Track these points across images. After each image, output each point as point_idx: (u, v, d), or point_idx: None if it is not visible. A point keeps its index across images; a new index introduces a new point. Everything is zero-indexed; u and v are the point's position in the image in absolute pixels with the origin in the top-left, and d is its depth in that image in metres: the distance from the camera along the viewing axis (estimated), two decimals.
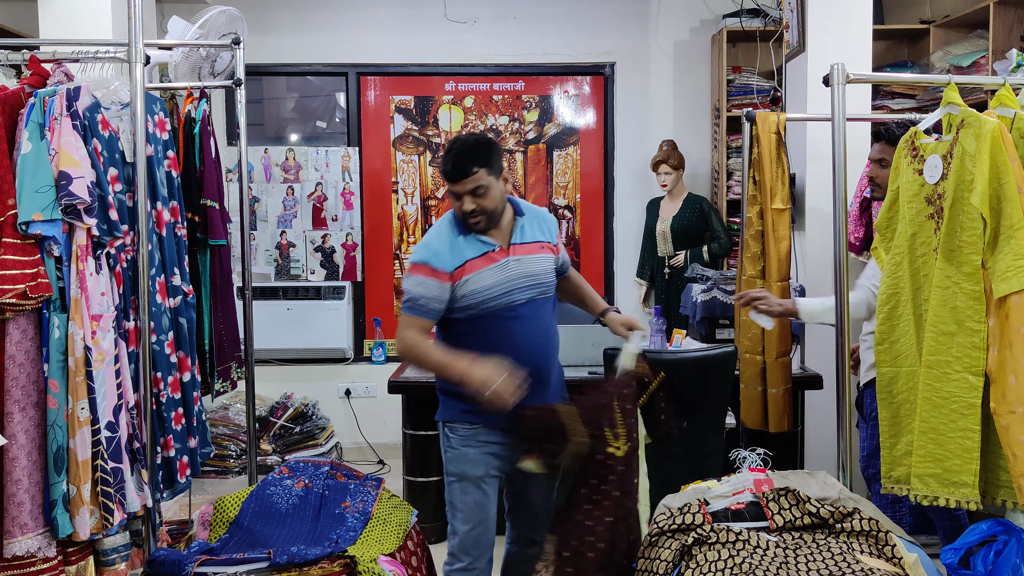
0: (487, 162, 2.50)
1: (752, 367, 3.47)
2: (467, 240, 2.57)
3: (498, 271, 2.57)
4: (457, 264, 2.54)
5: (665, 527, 2.16)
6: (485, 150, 2.52)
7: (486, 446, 2.60)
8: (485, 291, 2.55)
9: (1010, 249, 2.32)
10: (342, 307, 5.39)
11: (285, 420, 4.86)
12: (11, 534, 2.35)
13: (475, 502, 2.59)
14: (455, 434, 2.63)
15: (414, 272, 2.55)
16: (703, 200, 5.04)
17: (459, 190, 2.51)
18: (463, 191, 2.50)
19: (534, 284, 2.62)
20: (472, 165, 2.48)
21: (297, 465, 2.78)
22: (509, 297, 2.57)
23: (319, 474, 2.72)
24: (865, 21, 4.07)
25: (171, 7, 4.84)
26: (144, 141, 2.64)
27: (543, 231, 2.69)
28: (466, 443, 2.60)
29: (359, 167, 5.54)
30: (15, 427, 2.36)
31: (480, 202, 2.51)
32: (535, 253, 2.64)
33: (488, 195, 2.51)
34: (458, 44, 5.46)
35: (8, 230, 2.34)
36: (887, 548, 2.02)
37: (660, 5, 5.48)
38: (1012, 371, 2.31)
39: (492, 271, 2.56)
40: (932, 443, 2.46)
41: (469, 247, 2.56)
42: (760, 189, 3.42)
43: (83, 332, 2.41)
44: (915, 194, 2.56)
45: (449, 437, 2.64)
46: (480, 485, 2.60)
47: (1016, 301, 2.31)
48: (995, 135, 2.35)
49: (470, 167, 2.48)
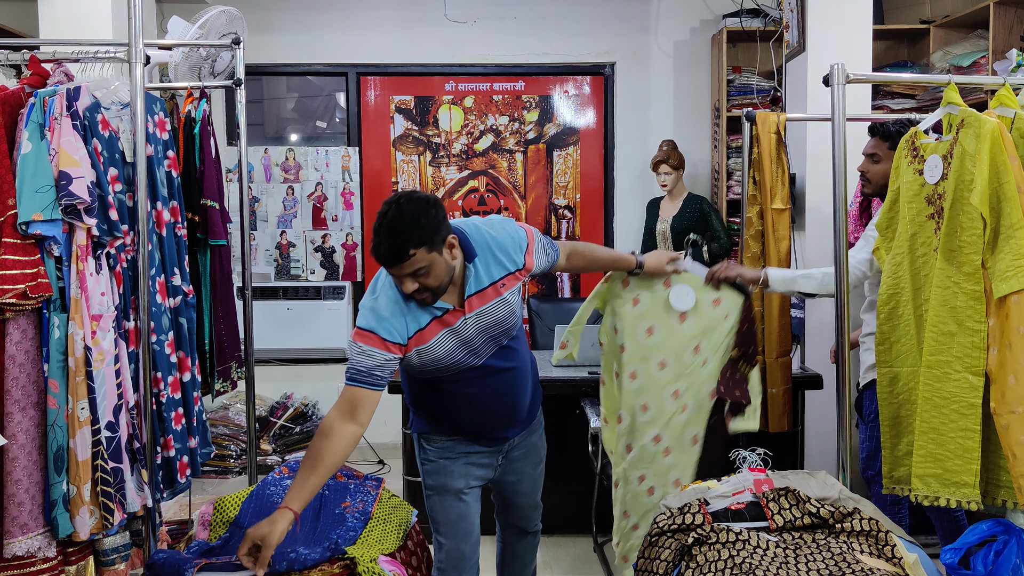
0: (425, 239, 2.14)
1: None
2: (416, 307, 2.28)
3: (453, 335, 2.31)
4: (410, 334, 2.27)
5: (665, 527, 2.16)
6: (422, 224, 2.15)
7: (466, 456, 2.50)
8: (444, 357, 2.32)
9: (1010, 249, 2.32)
10: (342, 307, 5.39)
11: (285, 420, 4.86)
12: (11, 534, 2.35)
13: (458, 514, 2.49)
14: (432, 446, 2.51)
15: (360, 339, 2.26)
16: (703, 200, 5.04)
17: (394, 273, 2.21)
18: (399, 274, 2.20)
19: (498, 334, 2.39)
20: (408, 247, 2.13)
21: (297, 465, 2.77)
22: (472, 357, 2.36)
23: None
24: (865, 21, 4.07)
25: (171, 7, 4.84)
26: (144, 141, 2.64)
27: (501, 262, 2.36)
28: (444, 455, 2.50)
29: (359, 167, 5.54)
30: (15, 427, 2.36)
31: (424, 282, 2.20)
32: (493, 299, 2.34)
33: (432, 274, 2.19)
34: (458, 44, 5.46)
35: (8, 230, 2.34)
36: (887, 548, 2.02)
37: (660, 5, 5.48)
38: (1012, 371, 2.31)
39: (446, 336, 2.30)
40: (932, 443, 2.46)
41: (421, 314, 2.28)
42: (760, 189, 3.42)
43: (83, 332, 2.41)
44: (915, 194, 2.56)
45: (426, 449, 2.53)
46: (461, 497, 2.49)
47: (1016, 301, 2.31)
48: (995, 135, 2.35)
49: (406, 250, 2.13)
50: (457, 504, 2.49)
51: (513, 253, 2.39)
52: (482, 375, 2.40)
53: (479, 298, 2.32)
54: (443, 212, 2.23)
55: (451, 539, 2.50)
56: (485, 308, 2.33)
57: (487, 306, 2.34)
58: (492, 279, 2.34)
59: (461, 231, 2.34)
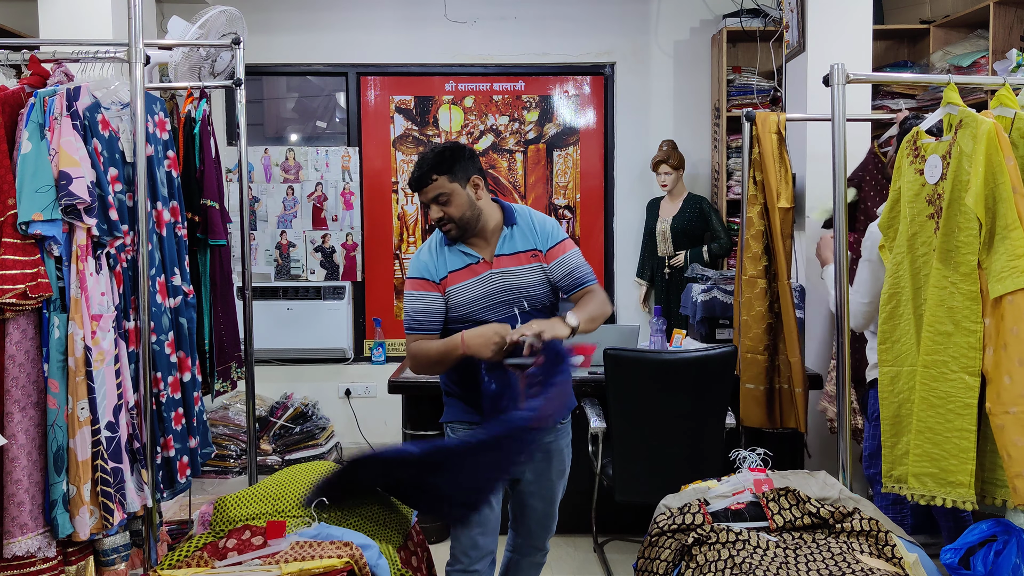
0: (449, 169, 2.46)
1: (753, 367, 3.47)
2: (451, 252, 2.55)
3: (479, 284, 2.53)
4: (442, 275, 2.53)
5: (665, 527, 2.16)
6: (448, 156, 2.48)
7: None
8: (467, 304, 2.53)
9: (1005, 249, 2.32)
10: (342, 307, 5.39)
11: (285, 420, 4.86)
12: (11, 534, 2.35)
13: None
14: (456, 435, 2.62)
15: (409, 287, 2.57)
16: (703, 200, 5.04)
17: (422, 199, 2.52)
18: (425, 200, 2.50)
19: (520, 297, 2.55)
20: (432, 173, 2.46)
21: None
22: (494, 311, 2.53)
23: None
24: (865, 21, 4.07)
25: (171, 7, 4.85)
26: (144, 141, 2.63)
27: (535, 239, 2.59)
28: None
29: (359, 167, 5.54)
30: (15, 427, 2.36)
31: (446, 210, 2.48)
32: (522, 264, 2.56)
33: (452, 202, 2.48)
34: (458, 44, 5.46)
35: (8, 230, 2.34)
36: (887, 548, 2.02)
37: (660, 5, 5.48)
38: (1007, 371, 2.31)
39: (473, 284, 2.53)
40: (929, 443, 2.46)
41: (453, 259, 2.55)
42: (762, 189, 3.42)
43: (83, 332, 2.41)
44: (916, 194, 2.56)
45: (451, 438, 2.63)
46: None
47: (1011, 301, 2.31)
48: (991, 135, 2.35)
49: (429, 175, 2.46)
50: None
51: (544, 238, 2.60)
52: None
53: (510, 259, 2.56)
54: (473, 157, 2.54)
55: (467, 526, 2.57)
56: (513, 269, 2.55)
57: (516, 268, 2.55)
58: (527, 247, 2.58)
59: (506, 204, 2.63)
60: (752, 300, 3.45)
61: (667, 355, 3.33)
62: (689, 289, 4.26)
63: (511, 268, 2.54)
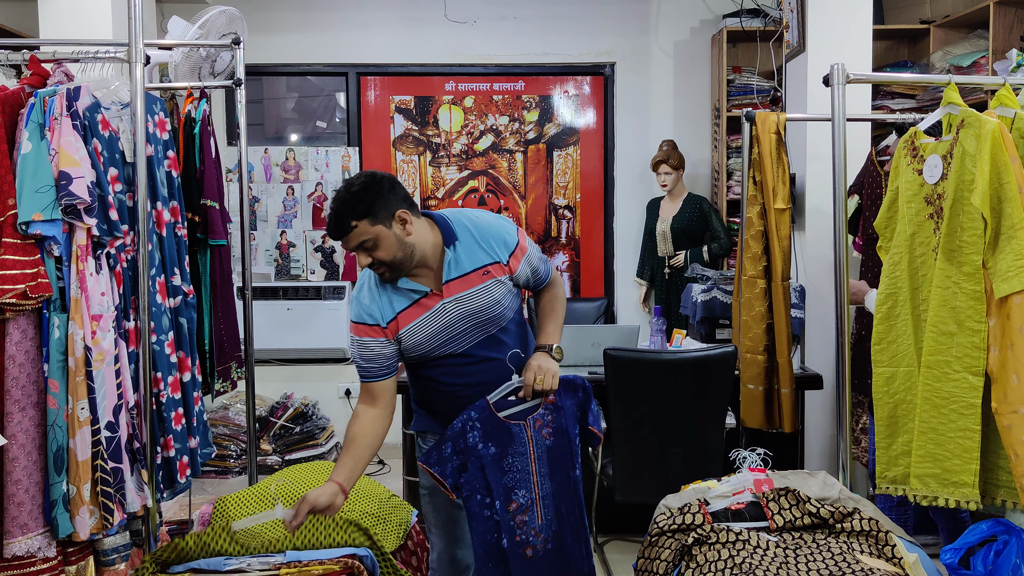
0: (368, 211, 2.19)
1: (753, 367, 3.47)
2: (396, 290, 2.31)
3: (434, 319, 2.29)
4: (389, 318, 2.30)
5: (665, 527, 2.16)
6: (364, 198, 2.20)
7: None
8: (426, 343, 2.31)
9: (1011, 249, 2.32)
10: (342, 307, 5.39)
11: (285, 420, 4.86)
12: (11, 534, 2.35)
13: (448, 517, 2.46)
14: (428, 445, 2.48)
15: (352, 331, 2.34)
16: (703, 200, 5.04)
17: (344, 247, 2.26)
18: (348, 248, 2.24)
19: (484, 321, 2.32)
20: (349, 220, 2.19)
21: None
22: (455, 344, 2.32)
23: None
24: (865, 21, 4.07)
25: (171, 7, 4.84)
26: (144, 141, 2.63)
27: (486, 251, 2.33)
28: None
29: (359, 167, 5.54)
30: (15, 427, 2.36)
31: (374, 255, 2.23)
32: (476, 285, 2.30)
33: (380, 246, 2.22)
34: (458, 44, 5.46)
35: (8, 230, 2.34)
36: (887, 548, 2.02)
37: (660, 5, 5.48)
38: (1014, 371, 2.31)
39: (427, 320, 2.29)
40: (932, 443, 2.46)
41: (398, 298, 2.30)
42: (761, 189, 3.42)
43: (83, 332, 2.41)
44: (914, 194, 2.56)
45: (422, 448, 2.51)
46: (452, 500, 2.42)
47: (1017, 301, 2.31)
48: (995, 135, 2.35)
49: (347, 223, 2.20)
50: (449, 506, 2.43)
51: (498, 246, 2.35)
52: (466, 363, 2.35)
53: (460, 283, 2.30)
54: (394, 187, 2.26)
55: (442, 540, 2.48)
56: (466, 294, 2.30)
57: (469, 291, 2.30)
58: (476, 265, 2.32)
59: (442, 216, 2.36)
60: (752, 300, 3.45)
61: (667, 355, 3.33)
62: (689, 289, 4.26)
63: (463, 293, 2.30)
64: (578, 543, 2.33)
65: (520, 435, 2.28)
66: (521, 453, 2.28)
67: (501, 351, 2.36)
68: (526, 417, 2.29)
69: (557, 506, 2.30)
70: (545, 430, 2.30)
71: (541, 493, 2.29)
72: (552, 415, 2.31)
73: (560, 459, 2.32)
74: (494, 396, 2.29)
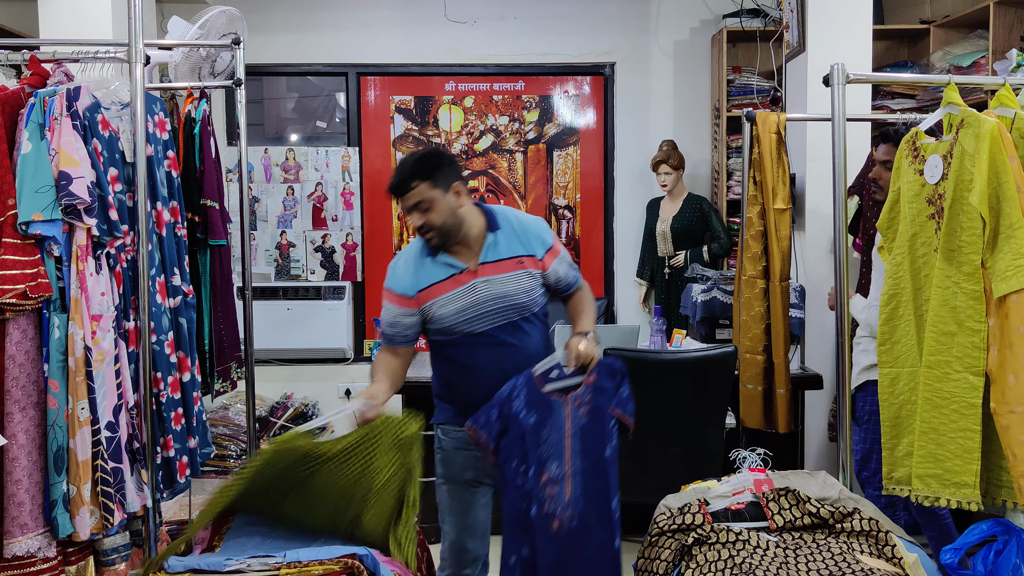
0: (430, 175, 2.39)
1: (753, 367, 3.47)
2: (434, 262, 2.47)
3: (464, 295, 2.44)
4: (421, 287, 2.45)
5: (665, 527, 2.17)
6: (428, 163, 2.41)
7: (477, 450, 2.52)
8: (452, 316, 2.45)
9: (1010, 248, 2.32)
10: (342, 307, 5.39)
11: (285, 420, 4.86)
12: (11, 534, 2.35)
13: (463, 505, 2.55)
14: (448, 436, 2.60)
15: (384, 296, 2.53)
16: (703, 200, 5.04)
17: (402, 205, 2.44)
18: (406, 206, 2.42)
19: (508, 307, 2.47)
20: (413, 179, 2.38)
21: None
22: (479, 323, 2.45)
23: None
24: (865, 21, 4.07)
25: (171, 7, 4.84)
26: (144, 141, 2.63)
27: (523, 244, 2.51)
28: (458, 446, 2.57)
29: (359, 167, 5.54)
30: (15, 427, 2.36)
31: (427, 217, 2.40)
32: (509, 271, 2.47)
33: (434, 209, 2.39)
34: (458, 44, 5.46)
35: (8, 230, 2.34)
36: (887, 548, 2.02)
37: (660, 5, 5.48)
38: (1012, 371, 2.31)
39: (458, 295, 2.44)
40: (932, 443, 2.45)
41: (435, 270, 2.46)
42: (761, 189, 3.42)
43: (83, 332, 2.41)
44: (916, 194, 2.56)
45: (441, 440, 2.62)
46: (468, 489, 2.56)
47: (1016, 300, 2.31)
48: (994, 135, 2.35)
49: (409, 181, 2.39)
50: (464, 495, 2.55)
51: (535, 242, 2.53)
52: (488, 344, 2.47)
53: (495, 267, 2.47)
54: (454, 163, 2.49)
55: (454, 529, 2.56)
56: (499, 277, 2.46)
57: (502, 276, 2.47)
58: (513, 254, 2.49)
59: (488, 207, 2.56)
60: (752, 300, 3.45)
61: (667, 355, 3.33)
62: (689, 289, 4.26)
63: (496, 276, 2.46)
64: (604, 526, 2.36)
65: (559, 410, 2.37)
66: (558, 427, 2.36)
67: (522, 340, 2.49)
68: (567, 395, 2.38)
69: (586, 485, 2.35)
70: (583, 409, 2.38)
71: (572, 470, 2.35)
72: (591, 395, 2.39)
73: (593, 439, 2.38)
74: (539, 368, 2.40)
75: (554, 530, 2.31)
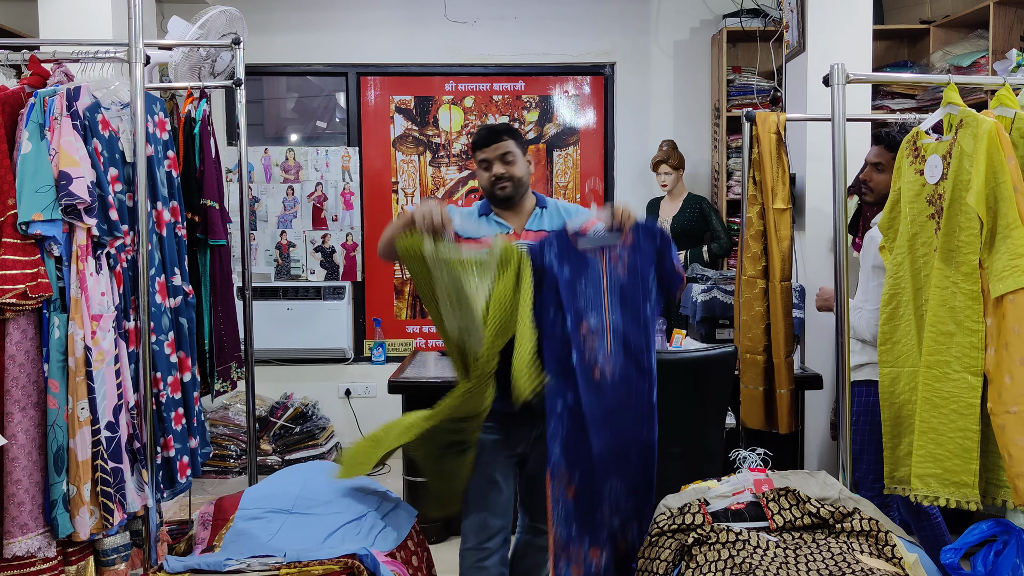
0: (515, 137, 2.70)
1: (753, 367, 3.47)
2: (487, 220, 2.71)
3: None
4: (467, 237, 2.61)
5: (665, 527, 2.17)
6: (514, 129, 2.75)
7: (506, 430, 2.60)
8: None
9: (1006, 249, 2.32)
10: (342, 307, 5.39)
11: (285, 420, 4.86)
12: (11, 534, 2.35)
13: (487, 482, 2.62)
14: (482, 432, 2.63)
15: None
16: (703, 200, 5.04)
17: (490, 155, 2.66)
18: (492, 156, 2.66)
19: None
20: (503, 134, 2.67)
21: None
22: None
23: None
24: (865, 21, 4.07)
25: (171, 7, 4.85)
26: (144, 141, 2.63)
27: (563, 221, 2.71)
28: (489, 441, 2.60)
29: (359, 167, 5.54)
30: (15, 427, 2.36)
31: (509, 168, 2.66)
32: None
33: (516, 163, 2.67)
34: (458, 44, 5.46)
35: (8, 230, 2.34)
36: (887, 548, 2.02)
37: (660, 5, 5.48)
38: (1008, 371, 2.31)
39: None
40: (932, 443, 2.46)
41: (486, 226, 2.69)
42: (760, 189, 3.41)
43: (83, 332, 2.41)
44: (916, 194, 2.56)
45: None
46: (488, 468, 2.61)
47: (1012, 301, 2.31)
48: (992, 135, 2.35)
49: (500, 136, 2.66)
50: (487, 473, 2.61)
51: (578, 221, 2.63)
52: None
53: (536, 235, 2.64)
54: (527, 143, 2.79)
55: (476, 505, 2.63)
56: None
57: None
58: (554, 227, 2.66)
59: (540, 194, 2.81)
60: (752, 300, 3.45)
61: (667, 355, 3.32)
62: (689, 289, 4.26)
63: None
64: (643, 378, 2.46)
65: (595, 264, 2.43)
66: (594, 282, 2.42)
67: None
68: (603, 251, 2.43)
69: (625, 339, 2.42)
70: (620, 266, 2.43)
71: (611, 324, 2.42)
72: (628, 253, 2.44)
73: (632, 296, 2.45)
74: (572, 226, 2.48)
75: (596, 379, 2.39)
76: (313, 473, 2.72)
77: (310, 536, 2.41)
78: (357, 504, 2.57)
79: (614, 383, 2.42)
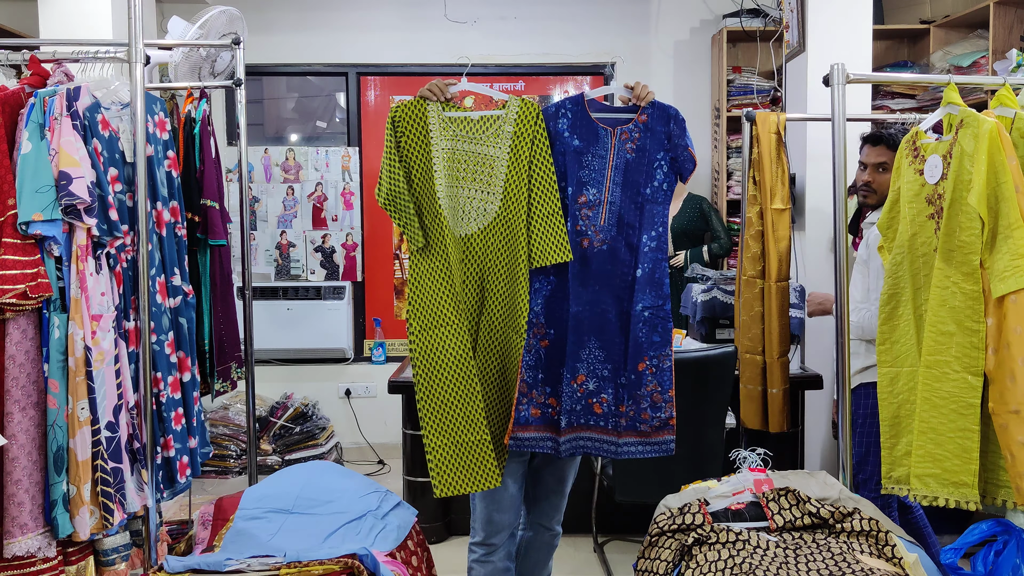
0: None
1: (752, 367, 3.47)
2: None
3: None
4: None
5: (665, 527, 2.17)
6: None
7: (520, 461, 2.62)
8: None
9: (1008, 249, 2.32)
10: (342, 307, 5.39)
11: (285, 420, 4.86)
12: (11, 534, 2.35)
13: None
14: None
15: None
16: (703, 200, 5.04)
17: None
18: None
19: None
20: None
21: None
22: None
23: None
24: (865, 21, 4.07)
25: (171, 7, 4.85)
26: (144, 141, 2.63)
27: None
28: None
29: (359, 167, 5.54)
30: (15, 427, 2.36)
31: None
32: None
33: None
34: (458, 44, 5.46)
35: (8, 230, 2.34)
36: (887, 548, 2.02)
37: (660, 5, 5.48)
38: (1010, 371, 2.31)
39: None
40: (931, 443, 2.46)
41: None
42: (760, 189, 3.41)
43: (83, 332, 2.41)
44: (916, 194, 2.56)
45: None
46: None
47: (1014, 301, 2.31)
48: (993, 135, 2.35)
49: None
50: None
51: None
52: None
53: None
54: None
55: (483, 502, 2.64)
56: None
57: None
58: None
59: None
60: (751, 300, 3.45)
61: None
62: (689, 289, 4.26)
63: None
64: (631, 255, 2.50)
65: (605, 139, 2.46)
66: (601, 156, 2.45)
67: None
68: (615, 126, 2.45)
69: (620, 215, 2.47)
70: (629, 144, 2.46)
71: (610, 199, 2.46)
72: (640, 133, 2.47)
73: (636, 175, 2.48)
74: (591, 94, 2.48)
75: (583, 248, 2.47)
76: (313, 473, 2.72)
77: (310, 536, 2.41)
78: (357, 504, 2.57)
79: (600, 255, 2.48)
